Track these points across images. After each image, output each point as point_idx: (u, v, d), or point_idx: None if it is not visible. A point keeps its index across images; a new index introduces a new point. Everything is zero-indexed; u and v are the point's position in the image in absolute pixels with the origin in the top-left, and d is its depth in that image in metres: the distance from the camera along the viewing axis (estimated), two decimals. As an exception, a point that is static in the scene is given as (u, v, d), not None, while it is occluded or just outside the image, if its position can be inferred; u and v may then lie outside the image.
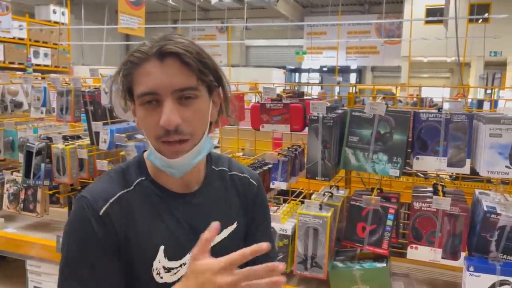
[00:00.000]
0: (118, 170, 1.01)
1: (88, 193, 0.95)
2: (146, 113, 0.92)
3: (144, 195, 0.97)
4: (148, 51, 0.90)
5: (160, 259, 0.95)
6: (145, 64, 0.91)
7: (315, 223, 1.75)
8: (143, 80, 0.90)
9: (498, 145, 1.59)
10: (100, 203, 0.93)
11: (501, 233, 1.62)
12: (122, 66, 0.93)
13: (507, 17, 11.23)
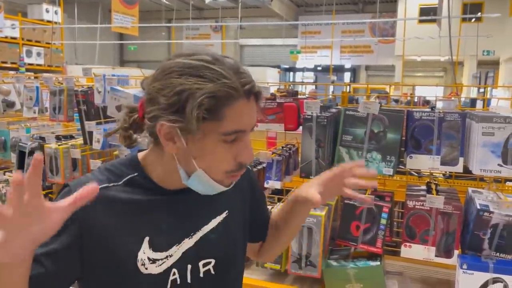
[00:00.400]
0: (108, 165, 1.01)
1: (72, 182, 0.97)
2: (224, 149, 0.90)
3: (132, 190, 0.96)
4: (238, 88, 0.88)
5: (145, 250, 0.94)
6: (236, 102, 0.88)
7: (309, 222, 1.76)
8: (234, 118, 0.88)
9: (490, 143, 1.60)
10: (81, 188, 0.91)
11: (494, 231, 1.63)
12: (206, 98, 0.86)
13: (499, 16, 11.30)
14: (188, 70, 0.87)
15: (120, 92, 1.93)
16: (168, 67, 0.90)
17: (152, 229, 0.96)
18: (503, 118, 1.58)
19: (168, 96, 0.87)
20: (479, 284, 1.58)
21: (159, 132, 0.90)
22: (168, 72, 0.89)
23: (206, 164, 0.91)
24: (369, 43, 18.88)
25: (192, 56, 0.90)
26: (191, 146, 0.90)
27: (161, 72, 0.90)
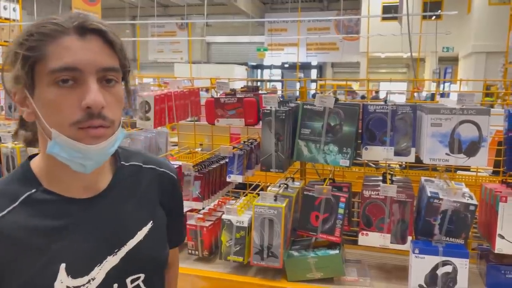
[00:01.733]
0: (2, 182, 0.86)
1: None
2: (60, 94, 0.77)
3: (35, 210, 0.82)
4: (66, 24, 0.78)
5: (63, 279, 0.81)
6: (62, 37, 0.78)
7: (270, 214, 1.80)
8: (60, 54, 0.77)
9: (438, 134, 1.69)
10: None
11: (444, 217, 1.72)
12: (26, 37, 0.78)
13: (458, 13, 11.73)
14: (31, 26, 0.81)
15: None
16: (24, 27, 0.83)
17: (67, 253, 0.83)
18: (449, 109, 1.67)
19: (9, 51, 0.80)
20: (430, 267, 1.66)
21: (13, 97, 0.82)
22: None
23: (52, 118, 0.79)
24: (334, 40, 19.20)
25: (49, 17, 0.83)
26: (37, 102, 0.80)
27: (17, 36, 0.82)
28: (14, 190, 0.83)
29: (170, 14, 21.58)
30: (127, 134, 2.09)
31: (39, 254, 0.81)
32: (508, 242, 1.68)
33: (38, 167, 0.86)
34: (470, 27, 14.47)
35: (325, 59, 20.72)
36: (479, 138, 1.65)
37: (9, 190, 0.84)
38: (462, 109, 1.65)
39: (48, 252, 0.81)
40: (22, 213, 0.81)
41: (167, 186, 1.04)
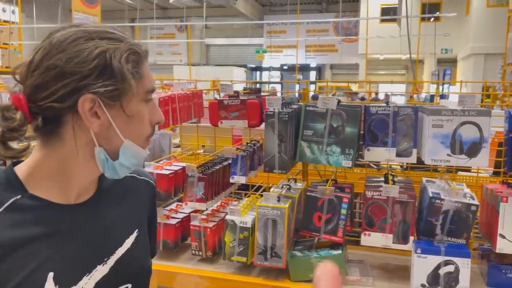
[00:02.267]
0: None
1: None
2: (145, 110, 0.85)
3: (21, 216, 0.79)
4: (142, 48, 0.86)
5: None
6: (145, 60, 0.87)
7: (273, 214, 1.81)
8: (148, 76, 0.86)
9: (440, 135, 1.71)
10: None
11: (445, 217, 1.74)
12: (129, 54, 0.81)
13: (457, 15, 11.78)
14: (95, 35, 0.79)
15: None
16: (65, 37, 0.78)
17: (55, 261, 0.80)
18: (450, 111, 1.69)
19: (86, 61, 0.77)
20: (432, 267, 1.68)
21: (82, 108, 0.77)
22: (70, 41, 0.78)
23: (132, 131, 0.83)
24: (333, 42, 19.25)
25: (82, 25, 0.82)
26: (117, 115, 0.81)
27: (58, 45, 0.78)
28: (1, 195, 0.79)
29: (169, 16, 21.61)
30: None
31: (26, 262, 0.77)
32: (509, 242, 1.70)
33: (24, 172, 0.82)
34: (469, 28, 14.53)
35: (324, 61, 20.77)
36: (480, 139, 1.67)
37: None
38: (463, 111, 1.68)
39: (35, 260, 0.78)
40: (7, 220, 0.77)
41: (150, 195, 1.05)
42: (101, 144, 0.81)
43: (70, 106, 0.77)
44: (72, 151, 0.81)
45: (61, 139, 0.80)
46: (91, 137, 0.80)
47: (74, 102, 0.77)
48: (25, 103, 0.77)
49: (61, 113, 0.78)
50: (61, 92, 0.76)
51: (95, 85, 0.77)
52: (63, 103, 0.77)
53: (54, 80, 0.76)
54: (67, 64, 0.76)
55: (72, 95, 0.77)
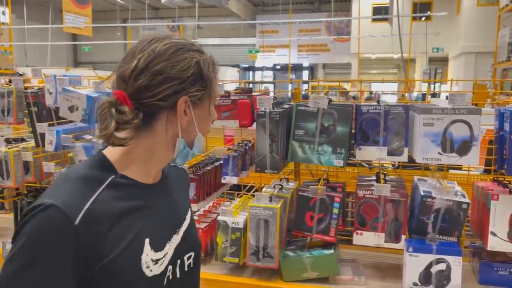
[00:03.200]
0: (80, 171, 0.94)
1: (54, 199, 0.84)
2: (213, 112, 1.03)
3: (119, 192, 0.93)
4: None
5: (148, 252, 0.94)
6: None
7: (265, 214, 1.81)
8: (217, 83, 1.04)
9: (431, 133, 1.71)
10: (75, 210, 0.85)
11: (437, 215, 1.74)
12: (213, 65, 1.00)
13: (447, 14, 11.84)
14: (187, 47, 0.95)
15: (72, 93, 1.91)
16: (166, 48, 0.93)
17: (149, 229, 0.95)
18: (441, 109, 1.69)
19: (187, 69, 0.93)
20: (424, 265, 1.68)
21: (180, 107, 0.94)
22: (172, 51, 0.93)
23: (203, 127, 1.02)
24: (325, 41, 19.29)
25: (172, 37, 0.97)
26: (198, 113, 0.98)
27: (161, 53, 0.92)
28: (97, 175, 0.93)
29: (161, 16, 21.54)
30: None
31: (127, 230, 0.91)
32: (500, 240, 1.71)
33: (115, 156, 0.96)
34: (459, 28, 14.62)
35: (316, 61, 20.81)
36: (471, 137, 1.68)
37: (94, 174, 0.93)
38: (453, 109, 1.68)
39: (134, 229, 0.92)
40: (109, 195, 0.91)
41: (187, 180, 1.26)
42: (184, 136, 0.98)
43: (170, 105, 0.93)
44: (161, 141, 0.97)
45: (153, 131, 0.96)
46: (177, 130, 0.97)
47: (174, 102, 0.93)
48: (128, 100, 0.91)
49: (160, 110, 0.94)
50: (165, 93, 0.92)
51: (191, 89, 0.94)
52: (166, 102, 0.93)
53: (160, 83, 0.91)
54: (171, 70, 0.92)
55: (173, 96, 0.93)
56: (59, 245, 0.83)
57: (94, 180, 0.91)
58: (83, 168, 0.94)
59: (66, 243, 0.83)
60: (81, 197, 0.87)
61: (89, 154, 2.04)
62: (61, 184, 0.91)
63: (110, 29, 18.39)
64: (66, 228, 0.83)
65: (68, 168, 1.02)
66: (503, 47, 8.92)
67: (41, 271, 0.82)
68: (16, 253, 0.82)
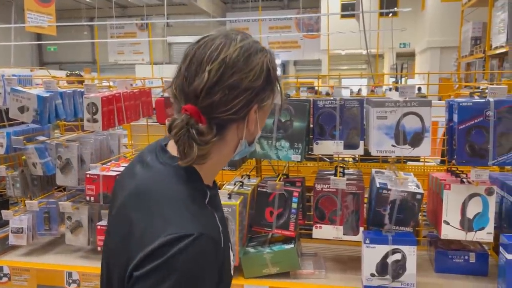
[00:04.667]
0: (182, 189, 0.90)
1: (202, 229, 0.83)
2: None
3: (212, 204, 0.94)
4: None
5: (231, 256, 1.01)
6: None
7: (224, 212, 1.79)
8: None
9: (384, 126, 1.73)
10: (218, 234, 0.87)
11: (393, 207, 1.77)
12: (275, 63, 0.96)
13: (413, 10, 12.10)
14: (254, 47, 0.91)
15: (22, 93, 1.85)
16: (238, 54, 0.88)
17: (227, 235, 0.98)
18: (394, 102, 1.72)
19: (258, 76, 0.89)
20: (381, 256, 1.71)
21: (252, 115, 0.92)
22: (243, 59, 0.88)
23: (261, 125, 0.99)
24: (296, 38, 19.39)
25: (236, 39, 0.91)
26: (261, 114, 0.96)
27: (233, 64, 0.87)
28: (198, 191, 0.92)
29: (129, 15, 21.16)
30: (75, 137, 2.04)
31: (225, 238, 0.92)
32: (453, 228, 1.75)
33: (201, 168, 0.94)
34: (425, 23, 14.95)
35: (287, 57, 20.90)
36: (422, 129, 1.71)
37: (195, 191, 0.91)
38: (405, 102, 1.71)
39: (226, 235, 0.94)
40: (212, 209, 0.92)
41: None
42: (247, 137, 0.96)
43: (243, 116, 0.91)
44: (232, 149, 0.96)
45: (223, 141, 0.93)
46: (243, 135, 0.95)
47: (246, 112, 0.91)
48: (202, 117, 0.87)
49: (233, 121, 0.91)
50: (239, 106, 0.88)
51: (262, 96, 0.92)
52: (239, 115, 0.90)
53: (234, 97, 0.87)
54: (245, 81, 0.87)
55: (246, 107, 0.90)
56: (215, 268, 0.85)
57: (200, 198, 0.91)
58: (182, 185, 0.90)
59: (218, 264, 0.86)
60: (211, 219, 0.89)
61: (43, 156, 1.98)
62: (183, 207, 0.86)
63: (76, 28, 17.95)
64: (219, 252, 0.86)
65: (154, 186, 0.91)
66: (466, 42, 9.15)
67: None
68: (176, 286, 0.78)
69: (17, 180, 2.07)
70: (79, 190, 2.13)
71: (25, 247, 2.17)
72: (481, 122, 1.63)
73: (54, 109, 1.93)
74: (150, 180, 0.92)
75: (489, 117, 1.62)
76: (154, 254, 0.78)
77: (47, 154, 2.00)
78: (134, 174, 0.97)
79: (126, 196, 0.93)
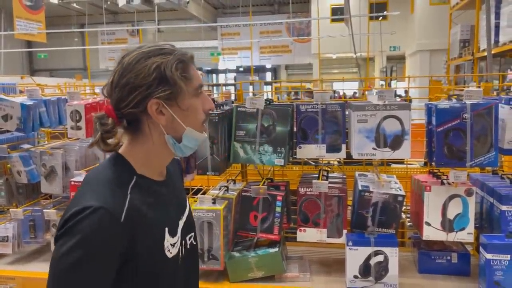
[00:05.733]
0: (108, 173, 1.07)
1: (99, 201, 0.98)
2: (198, 102, 1.11)
3: (141, 190, 1.07)
4: (187, 55, 1.10)
5: (167, 239, 1.10)
6: (191, 64, 1.11)
7: (209, 217, 1.81)
8: (196, 76, 1.11)
9: (364, 129, 1.76)
10: (119, 210, 0.99)
11: (375, 209, 1.80)
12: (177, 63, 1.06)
13: (402, 14, 12.20)
14: (151, 54, 1.05)
15: (5, 101, 1.85)
16: (131, 60, 1.04)
17: (167, 220, 1.12)
18: (373, 106, 1.75)
19: (148, 75, 1.03)
20: (363, 258, 1.73)
21: (151, 110, 1.04)
22: (135, 62, 1.04)
23: (190, 120, 1.10)
24: (286, 43, 19.47)
25: (142, 47, 1.07)
26: (176, 110, 1.07)
27: (127, 66, 1.04)
28: (124, 176, 1.07)
29: (120, 21, 21.16)
30: (60, 145, 2.05)
31: (152, 223, 1.06)
32: (434, 229, 1.78)
33: (129, 158, 1.09)
34: (414, 26, 15.08)
35: (278, 62, 20.97)
36: (402, 132, 1.74)
37: (121, 176, 1.06)
38: (385, 105, 1.74)
39: (157, 221, 1.07)
40: (136, 193, 1.05)
41: (180, 168, 1.38)
42: (170, 133, 1.08)
43: (142, 110, 1.04)
44: (151, 141, 1.09)
45: (142, 134, 1.08)
46: (161, 129, 1.07)
47: (145, 106, 1.04)
48: (113, 112, 1.05)
49: (138, 115, 1.06)
50: (135, 101, 1.03)
51: (156, 92, 1.03)
52: (138, 108, 1.04)
53: (129, 93, 1.03)
54: (135, 80, 1.03)
55: (142, 101, 1.03)
56: (111, 241, 0.97)
57: (123, 182, 1.05)
58: (109, 171, 1.08)
59: (116, 238, 0.97)
60: (119, 198, 1.01)
61: (27, 164, 1.99)
62: (97, 187, 1.03)
63: (67, 35, 17.90)
64: (116, 226, 0.97)
65: (92, 171, 1.13)
66: (455, 44, 9.25)
67: (96, 263, 0.95)
68: (71, 249, 0.93)
69: (1, 189, 2.07)
70: (65, 197, 2.13)
71: (11, 256, 2.16)
72: (458, 124, 1.66)
73: (38, 117, 1.94)
74: (91, 171, 1.14)
75: (466, 120, 1.65)
76: (64, 222, 0.97)
77: (31, 162, 2.00)
78: None
79: None
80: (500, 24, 6.26)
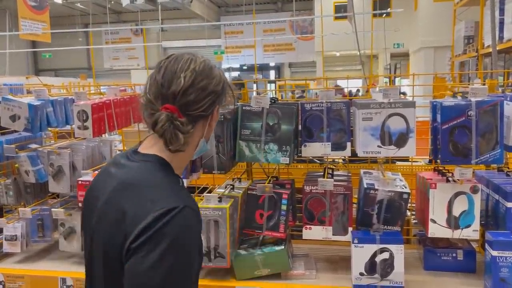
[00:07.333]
0: (163, 176, 1.09)
1: (184, 202, 1.02)
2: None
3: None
4: None
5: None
6: None
7: (215, 215, 1.82)
8: None
9: (370, 127, 1.77)
10: (197, 207, 1.07)
11: (380, 206, 1.80)
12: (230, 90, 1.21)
13: (406, 11, 12.15)
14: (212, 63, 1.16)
15: (13, 102, 1.87)
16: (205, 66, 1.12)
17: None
18: (378, 104, 1.75)
19: (219, 82, 1.14)
20: (369, 255, 1.74)
21: (216, 115, 1.17)
22: (208, 69, 1.12)
23: (212, 129, 1.21)
24: (290, 41, 19.45)
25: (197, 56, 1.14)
26: (215, 118, 1.19)
27: (201, 72, 1.10)
28: (173, 178, 1.11)
29: (124, 20, 21.21)
30: (67, 145, 2.07)
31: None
32: (440, 226, 1.78)
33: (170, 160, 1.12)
34: (418, 23, 15.01)
35: (282, 60, 20.96)
36: (407, 130, 1.74)
37: (172, 178, 1.11)
38: (390, 103, 1.74)
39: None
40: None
41: None
42: (205, 136, 1.18)
43: (209, 114, 1.14)
44: (194, 147, 1.16)
45: (190, 136, 1.11)
46: (204, 133, 1.17)
47: (212, 110, 1.14)
48: (180, 113, 1.07)
49: (201, 118, 1.13)
50: (208, 104, 1.11)
51: (222, 99, 1.16)
52: (208, 112, 1.13)
53: (204, 96, 1.10)
54: (210, 85, 1.11)
55: (212, 106, 1.13)
56: (198, 238, 1.04)
57: (178, 183, 1.12)
58: (161, 173, 1.09)
59: (200, 235, 1.06)
60: (190, 197, 1.09)
61: (35, 163, 2.01)
62: (165, 189, 1.06)
63: (71, 35, 17.97)
64: (199, 223, 1.05)
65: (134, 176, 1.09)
66: (459, 41, 9.20)
67: (190, 262, 0.99)
68: (164, 252, 0.94)
69: (10, 188, 2.09)
70: (72, 196, 2.15)
71: (19, 254, 2.19)
72: (464, 121, 1.66)
73: (46, 117, 1.96)
74: (132, 174, 1.10)
75: (471, 117, 1.65)
76: (147, 227, 0.96)
77: (39, 161, 2.02)
78: (112, 175, 1.13)
79: (111, 192, 1.08)
80: (505, 20, 6.23)
